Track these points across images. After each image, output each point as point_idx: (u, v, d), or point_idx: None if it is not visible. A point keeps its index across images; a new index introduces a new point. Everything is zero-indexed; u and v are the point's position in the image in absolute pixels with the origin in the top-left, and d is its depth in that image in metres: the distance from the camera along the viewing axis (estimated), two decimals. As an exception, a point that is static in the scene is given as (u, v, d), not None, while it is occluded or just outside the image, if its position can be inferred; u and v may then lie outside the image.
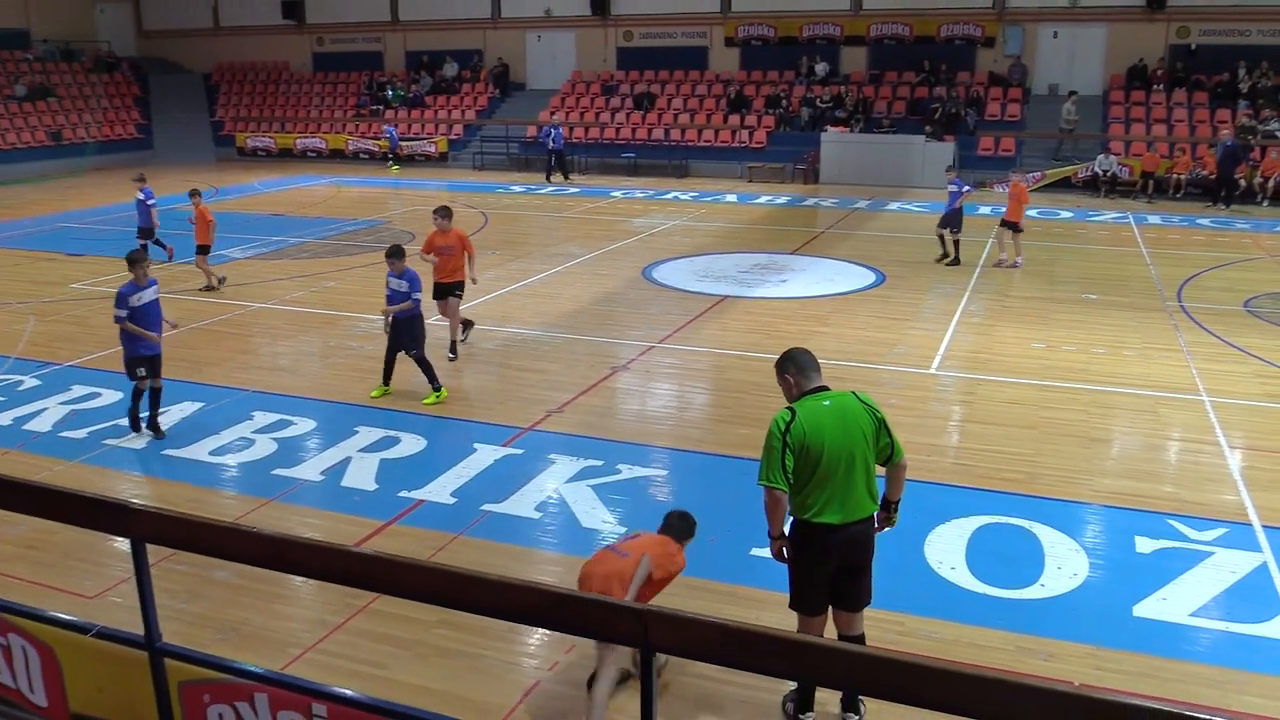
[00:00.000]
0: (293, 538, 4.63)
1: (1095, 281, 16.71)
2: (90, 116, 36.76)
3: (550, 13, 36.53)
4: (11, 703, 5.25)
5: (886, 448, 5.33)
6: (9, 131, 33.89)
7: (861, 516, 5.27)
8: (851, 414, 5.27)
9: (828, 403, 5.29)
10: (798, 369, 5.40)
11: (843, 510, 5.21)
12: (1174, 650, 6.33)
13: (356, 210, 25.57)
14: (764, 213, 25.17)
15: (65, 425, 10.38)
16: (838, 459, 5.17)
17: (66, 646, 5.03)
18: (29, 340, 13.34)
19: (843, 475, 5.19)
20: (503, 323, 14.24)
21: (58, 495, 5.20)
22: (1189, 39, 29.58)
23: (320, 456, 9.54)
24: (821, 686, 5.53)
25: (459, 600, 4.22)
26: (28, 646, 5.09)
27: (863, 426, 5.25)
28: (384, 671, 6.10)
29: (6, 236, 22.12)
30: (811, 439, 5.16)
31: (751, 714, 5.76)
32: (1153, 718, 2.99)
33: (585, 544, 7.81)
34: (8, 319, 14.56)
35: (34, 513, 5.31)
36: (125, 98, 38.90)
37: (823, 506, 5.20)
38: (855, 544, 5.30)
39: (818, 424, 5.19)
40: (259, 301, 15.60)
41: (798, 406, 5.29)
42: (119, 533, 4.92)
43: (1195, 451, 9.55)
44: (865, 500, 5.28)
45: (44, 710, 5.15)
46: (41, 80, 36.77)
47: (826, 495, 5.19)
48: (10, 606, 5.26)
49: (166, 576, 6.92)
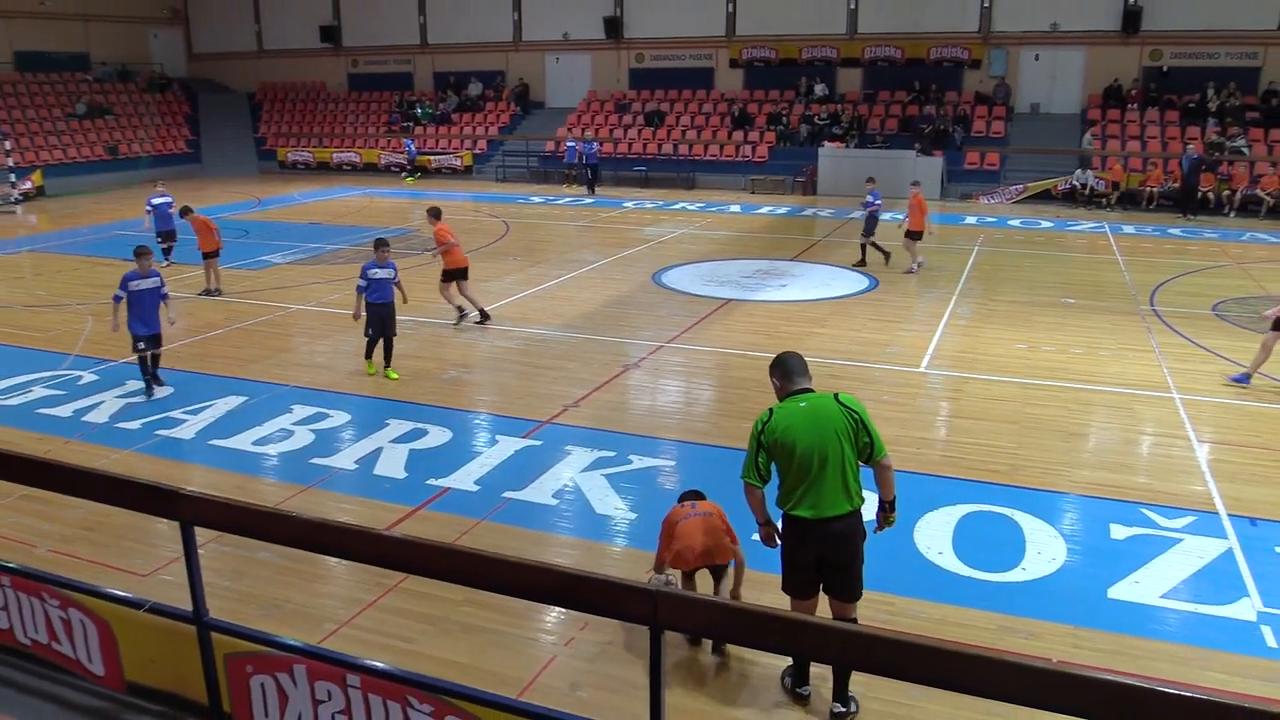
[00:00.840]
0: (329, 522, 4.65)
1: (1074, 287, 16.64)
2: (144, 133, 36.90)
3: (568, 36, 36.55)
4: (72, 672, 5.28)
5: (867, 446, 5.20)
6: (70, 146, 34.06)
7: (836, 513, 5.15)
8: (826, 414, 5.18)
9: (804, 404, 5.24)
10: (783, 373, 5.41)
11: (815, 507, 5.14)
12: (1145, 630, 6.31)
13: (387, 219, 25.61)
14: (765, 222, 25.13)
15: (120, 417, 10.43)
16: (810, 456, 5.10)
17: (122, 620, 5.06)
18: (87, 339, 13.39)
19: (815, 473, 5.11)
20: (522, 323, 14.25)
21: (114, 481, 5.24)
22: (1161, 61, 29.47)
23: (354, 447, 9.56)
24: (817, 663, 5.53)
25: (482, 580, 4.24)
26: (86, 620, 5.13)
27: (836, 426, 5.14)
28: (413, 646, 6.12)
29: (68, 243, 22.23)
30: (784, 437, 5.14)
31: (753, 687, 5.76)
32: (1122, 692, 3.00)
33: (599, 529, 7.84)
34: (68, 319, 14.63)
35: (92, 497, 5.35)
36: (176, 115, 39.04)
37: (798, 501, 5.17)
38: (832, 540, 5.19)
39: (791, 424, 5.16)
40: (297, 303, 15.64)
41: (776, 408, 5.30)
42: (170, 516, 4.95)
43: (1166, 445, 9.52)
44: (839, 498, 5.15)
45: (101, 679, 5.19)
46: (100, 100, 36.94)
47: (801, 491, 5.16)
48: (71, 583, 5.29)
49: (213, 557, 6.96)
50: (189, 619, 4.84)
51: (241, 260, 18.96)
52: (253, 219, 25.63)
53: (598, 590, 3.88)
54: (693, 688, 5.75)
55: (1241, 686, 5.65)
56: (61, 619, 5.20)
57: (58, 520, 7.86)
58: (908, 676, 3.46)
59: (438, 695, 4.23)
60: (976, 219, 25.03)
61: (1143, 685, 2.94)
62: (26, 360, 12.51)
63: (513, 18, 37.19)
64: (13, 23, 35.59)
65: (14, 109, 33.94)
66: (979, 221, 24.61)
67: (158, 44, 41.74)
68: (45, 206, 29.27)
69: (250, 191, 31.57)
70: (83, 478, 5.32)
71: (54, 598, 5.21)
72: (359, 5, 39.53)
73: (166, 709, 5.07)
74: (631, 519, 7.99)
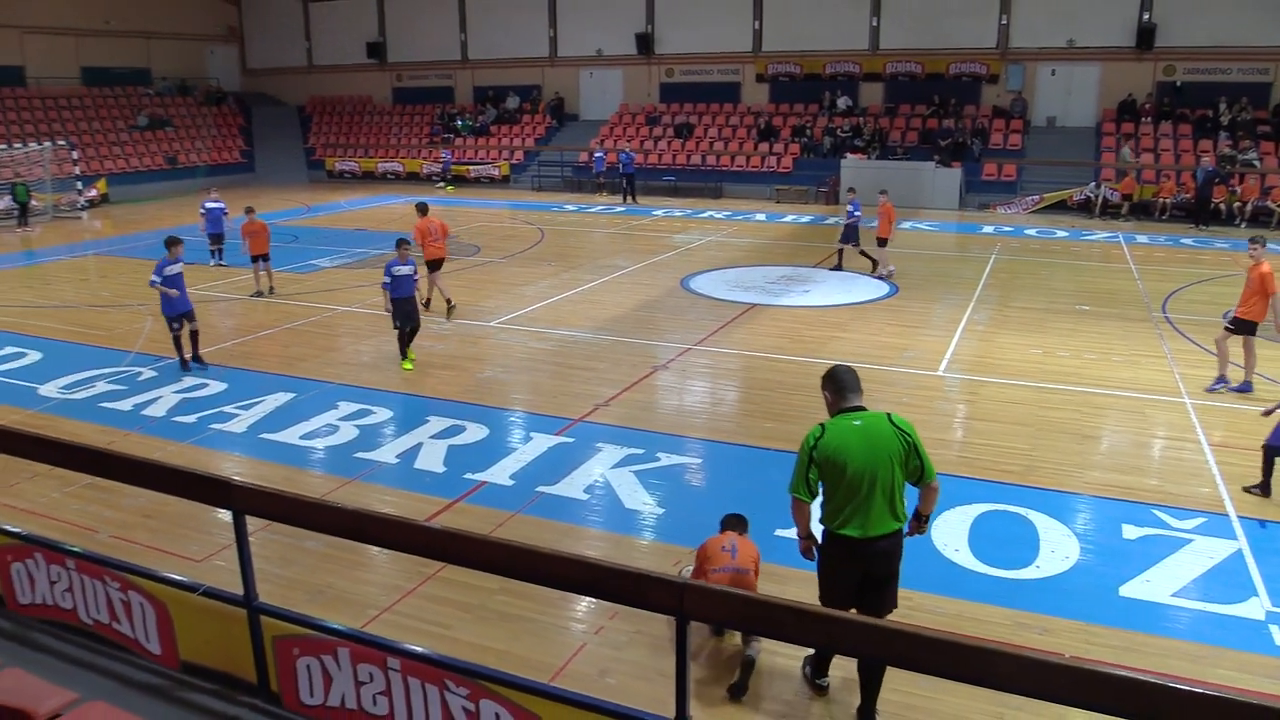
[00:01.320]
0: (372, 513, 4.68)
1: (1088, 294, 16.44)
2: (201, 144, 37.35)
3: (601, 52, 36.61)
4: (131, 650, 5.34)
5: (917, 469, 4.99)
6: (132, 156, 34.53)
7: (883, 532, 4.96)
8: (880, 435, 4.94)
9: (858, 422, 4.99)
10: (836, 388, 5.15)
11: (863, 526, 4.93)
12: (1156, 627, 6.23)
13: (430, 226, 25.73)
14: (790, 230, 25.03)
15: (177, 411, 10.56)
16: (861, 477, 4.89)
17: (177, 603, 5.11)
18: (147, 337, 13.58)
19: (865, 493, 4.90)
20: (556, 326, 14.28)
21: (171, 472, 5.30)
22: (1175, 76, 29.04)
23: (396, 442, 9.62)
24: (838, 654, 5.49)
25: (516, 570, 4.24)
26: (144, 602, 5.18)
27: (890, 449, 4.92)
28: (450, 632, 6.15)
29: (130, 247, 22.55)
30: (836, 456, 4.91)
31: (775, 677, 5.74)
32: (1134, 687, 2.96)
33: (628, 523, 7.83)
34: (129, 319, 14.84)
35: (151, 487, 5.41)
36: (231, 127, 39.48)
37: (845, 520, 4.96)
38: (877, 558, 5.02)
39: (844, 442, 4.92)
40: (344, 305, 15.76)
41: (829, 424, 5.04)
42: (223, 505, 5.00)
43: (1177, 448, 9.38)
44: (887, 518, 4.95)
45: (158, 658, 5.24)
46: (160, 112, 37.44)
47: (850, 510, 4.94)
48: (130, 567, 5.36)
49: (263, 544, 7.02)
50: (240, 603, 4.88)
51: (291, 264, 19.14)
52: (302, 225, 25.87)
53: (626, 581, 3.87)
54: (721, 676, 5.73)
55: (1250, 683, 5.56)
56: (121, 600, 5.27)
57: (118, 508, 7.97)
58: (925, 669, 3.43)
59: (473, 679, 4.25)
60: (994, 228, 24.79)
61: (1155, 681, 2.90)
62: (91, 357, 12.70)
63: (549, 34, 37.32)
64: (81, 40, 36.16)
65: (80, 121, 34.47)
66: (996, 231, 24.37)
67: (215, 60, 42.26)
68: (109, 212, 29.70)
69: (300, 199, 31.87)
70: (142, 468, 5.39)
71: (115, 580, 5.28)
72: (404, 23, 39.83)
73: (218, 687, 5.12)
74: (659, 514, 7.99)
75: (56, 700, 4.05)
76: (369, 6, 40.16)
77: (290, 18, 41.87)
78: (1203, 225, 24.70)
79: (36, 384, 11.54)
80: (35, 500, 8.14)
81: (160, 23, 38.84)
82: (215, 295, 16.72)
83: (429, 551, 4.61)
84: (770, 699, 5.53)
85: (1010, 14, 30.36)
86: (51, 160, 28.42)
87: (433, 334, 13.71)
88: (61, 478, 8.31)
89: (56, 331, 14.13)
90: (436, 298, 14.89)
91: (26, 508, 7.93)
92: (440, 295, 14.72)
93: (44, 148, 28.32)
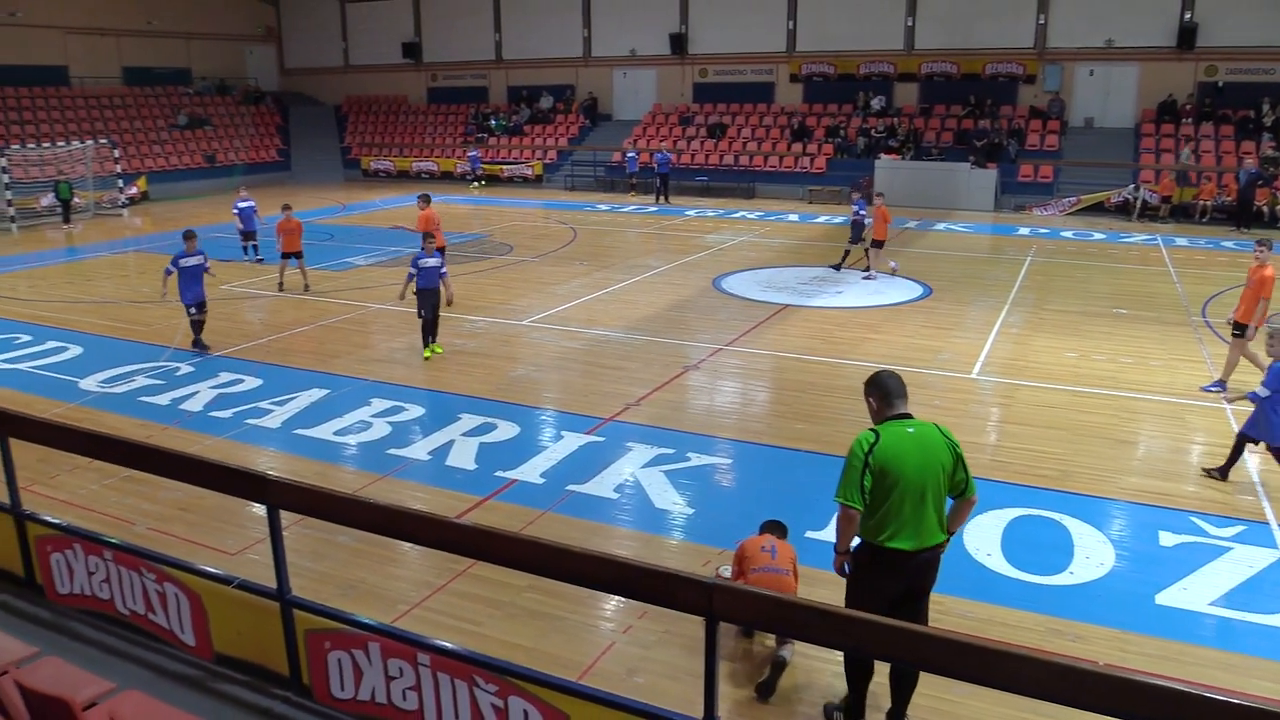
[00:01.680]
0: (404, 509, 4.71)
1: (1125, 297, 16.21)
2: (239, 142, 37.83)
3: (635, 52, 36.63)
4: (166, 641, 5.42)
5: (961, 482, 4.85)
6: (172, 155, 35.03)
7: (933, 544, 4.82)
8: (933, 445, 4.80)
9: (911, 429, 4.83)
10: (881, 395, 4.96)
11: (916, 538, 4.75)
12: (1193, 636, 6.13)
13: (463, 225, 25.90)
14: (822, 230, 24.90)
15: (214, 406, 10.69)
16: (914, 487, 4.72)
17: (212, 595, 5.18)
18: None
19: (916, 503, 4.73)
20: (588, 325, 14.31)
21: (207, 466, 5.37)
22: (1216, 77, 28.56)
23: (428, 439, 9.68)
24: (863, 657, 5.43)
25: (546, 568, 4.26)
26: (180, 594, 5.26)
27: (942, 459, 4.78)
28: (479, 628, 6.17)
29: (169, 244, 22.76)
30: (891, 464, 4.71)
31: (803, 679, 5.71)
32: (1169, 696, 2.91)
33: (658, 522, 7.83)
34: (168, 315, 15.03)
35: (187, 480, 5.49)
36: (269, 126, 39.94)
37: (895, 532, 4.75)
38: (923, 570, 4.86)
39: (900, 450, 4.74)
40: (378, 303, 15.88)
41: (882, 430, 4.84)
42: (257, 499, 5.06)
43: (1216, 455, 9.20)
44: (936, 529, 4.81)
45: (192, 649, 5.32)
46: (199, 111, 37.97)
47: (900, 522, 4.74)
48: (167, 559, 5.44)
49: (296, 538, 7.09)
50: (273, 596, 4.94)
51: (326, 262, 19.33)
52: (337, 223, 26.11)
53: (656, 581, 3.88)
54: (752, 677, 5.71)
55: (1290, 695, 5.45)
56: (158, 592, 5.35)
57: (156, 500, 8.09)
58: (955, 674, 3.40)
59: (502, 676, 4.27)
60: (1029, 230, 24.52)
61: (1191, 690, 2.85)
62: (131, 352, 12.91)
63: (583, 35, 37.40)
64: (123, 40, 36.76)
65: (122, 120, 35.03)
66: (1032, 233, 24.11)
67: (253, 60, 42.79)
68: (149, 210, 30.17)
69: (335, 197, 32.17)
70: (179, 462, 5.46)
71: (151, 572, 5.36)
72: (439, 23, 40.09)
73: (251, 679, 5.18)
74: (689, 514, 7.98)
75: (94, 689, 4.11)
76: (405, 7, 40.49)
77: (327, 18, 42.29)
78: (1244, 228, 24.28)
79: (78, 378, 11.75)
80: (75, 492, 8.28)
81: (200, 23, 39.39)
82: (250, 292, 16.93)
83: (459, 548, 4.64)
84: (800, 701, 5.50)
85: (1048, 14, 30.00)
86: (94, 158, 28.92)
87: (465, 332, 13.79)
88: (101, 470, 8.45)
89: (97, 327, 14.38)
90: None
91: (66, 499, 8.07)
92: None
93: (86, 146, 28.80)
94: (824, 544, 7.03)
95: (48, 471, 8.54)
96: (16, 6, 32.76)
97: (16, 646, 4.56)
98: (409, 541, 6.51)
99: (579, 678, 5.48)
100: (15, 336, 13.78)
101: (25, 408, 9.98)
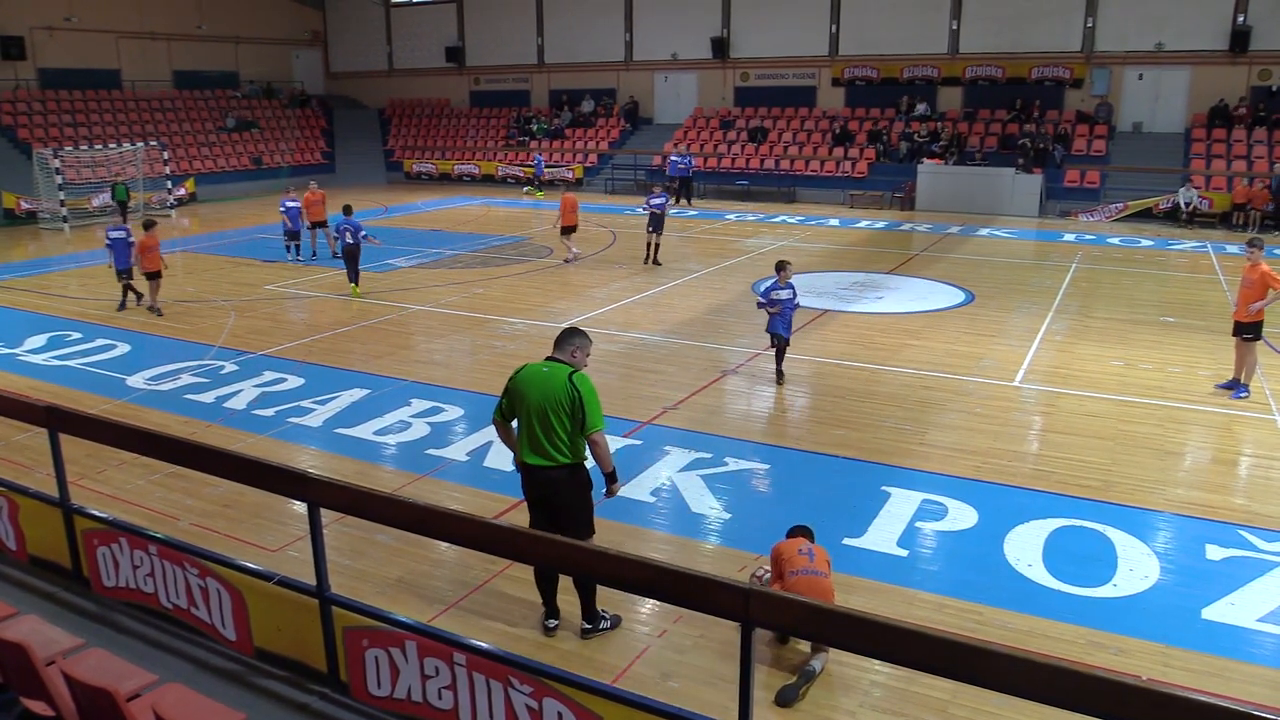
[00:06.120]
0: (442, 509, 4.75)
1: (1173, 305, 15.91)
2: (285, 145, 38.38)
3: (676, 56, 36.64)
4: (207, 635, 5.51)
5: (580, 421, 5.76)
6: (220, 157, 35.64)
7: (555, 464, 5.80)
8: (555, 382, 5.79)
9: (546, 369, 5.93)
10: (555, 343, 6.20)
11: (538, 454, 5.81)
12: (1240, 652, 5.98)
13: (503, 227, 26.07)
14: (863, 236, 24.71)
15: (257, 404, 10.84)
16: (536, 410, 5.76)
17: (252, 591, 5.26)
18: (229, 333, 13.98)
19: (538, 424, 5.76)
20: (626, 329, 14.33)
21: (249, 463, 5.46)
22: (1270, 81, 27.94)
23: (466, 440, 9.74)
24: (897, 665, 5.38)
25: (581, 570, 4.27)
26: (221, 589, 5.34)
27: (558, 394, 5.75)
28: (515, 629, 6.19)
29: (215, 245, 23.27)
30: (519, 388, 5.87)
31: (840, 686, 5.66)
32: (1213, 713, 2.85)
33: (694, 527, 7.81)
34: (213, 314, 15.30)
35: (230, 477, 5.58)
36: (314, 129, 40.48)
37: (523, 447, 5.90)
38: (552, 485, 5.84)
39: (529, 380, 5.87)
40: (418, 304, 16.02)
41: (527, 365, 6.11)
42: (298, 497, 5.13)
43: (1266, 467, 9.01)
44: (558, 451, 5.78)
45: (233, 643, 5.40)
46: (247, 114, 38.59)
47: (525, 438, 5.87)
48: (209, 554, 5.53)
49: (336, 536, 7.17)
50: (312, 593, 5.00)
51: (369, 263, 19.49)
52: (380, 225, 26.34)
53: (692, 585, 3.87)
54: (784, 683, 5.68)
55: (1342, 715, 5.31)
56: (200, 587, 5.44)
57: (199, 496, 8.22)
58: (994, 685, 3.35)
59: (537, 677, 4.28)
60: (1075, 236, 24.16)
61: (1237, 708, 2.79)
62: (177, 350, 13.14)
63: (625, 39, 37.48)
64: (172, 44, 37.47)
65: (171, 122, 35.70)
66: (1078, 239, 23.74)
67: (299, 64, 43.42)
68: (197, 211, 30.71)
69: (378, 200, 32.49)
70: (223, 459, 5.55)
71: (194, 567, 5.45)
72: (482, 28, 40.40)
73: (289, 674, 5.25)
74: (725, 519, 7.95)
75: (137, 681, 4.19)
76: (449, 11, 40.86)
77: (372, 22, 42.79)
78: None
79: (125, 375, 11.98)
80: (121, 487, 8.44)
81: (248, 27, 40.07)
82: (294, 292, 17.16)
83: (496, 548, 4.66)
84: (832, 708, 5.45)
85: (1096, 16, 29.54)
86: (144, 160, 29.52)
87: (504, 334, 13.87)
88: (147, 466, 8.62)
89: (145, 325, 14.66)
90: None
91: (113, 494, 8.24)
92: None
93: (137, 148, 29.42)
94: (861, 551, 6.98)
95: (95, 466, 8.72)
96: (72, 11, 33.55)
97: (63, 638, 4.67)
98: (447, 541, 6.56)
99: (614, 681, 5.49)
100: (67, 334, 14.10)
101: (74, 403, 10.22)
